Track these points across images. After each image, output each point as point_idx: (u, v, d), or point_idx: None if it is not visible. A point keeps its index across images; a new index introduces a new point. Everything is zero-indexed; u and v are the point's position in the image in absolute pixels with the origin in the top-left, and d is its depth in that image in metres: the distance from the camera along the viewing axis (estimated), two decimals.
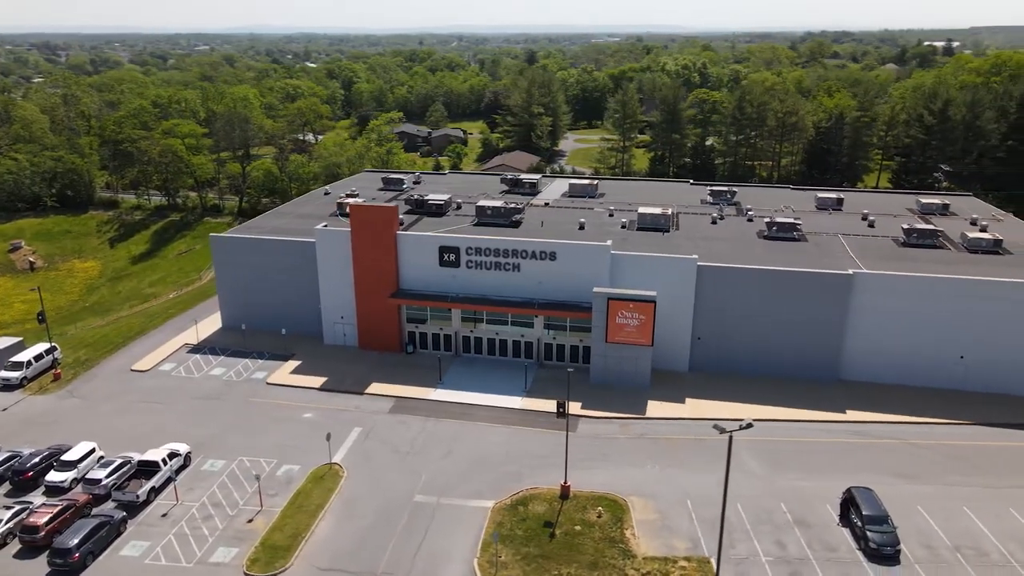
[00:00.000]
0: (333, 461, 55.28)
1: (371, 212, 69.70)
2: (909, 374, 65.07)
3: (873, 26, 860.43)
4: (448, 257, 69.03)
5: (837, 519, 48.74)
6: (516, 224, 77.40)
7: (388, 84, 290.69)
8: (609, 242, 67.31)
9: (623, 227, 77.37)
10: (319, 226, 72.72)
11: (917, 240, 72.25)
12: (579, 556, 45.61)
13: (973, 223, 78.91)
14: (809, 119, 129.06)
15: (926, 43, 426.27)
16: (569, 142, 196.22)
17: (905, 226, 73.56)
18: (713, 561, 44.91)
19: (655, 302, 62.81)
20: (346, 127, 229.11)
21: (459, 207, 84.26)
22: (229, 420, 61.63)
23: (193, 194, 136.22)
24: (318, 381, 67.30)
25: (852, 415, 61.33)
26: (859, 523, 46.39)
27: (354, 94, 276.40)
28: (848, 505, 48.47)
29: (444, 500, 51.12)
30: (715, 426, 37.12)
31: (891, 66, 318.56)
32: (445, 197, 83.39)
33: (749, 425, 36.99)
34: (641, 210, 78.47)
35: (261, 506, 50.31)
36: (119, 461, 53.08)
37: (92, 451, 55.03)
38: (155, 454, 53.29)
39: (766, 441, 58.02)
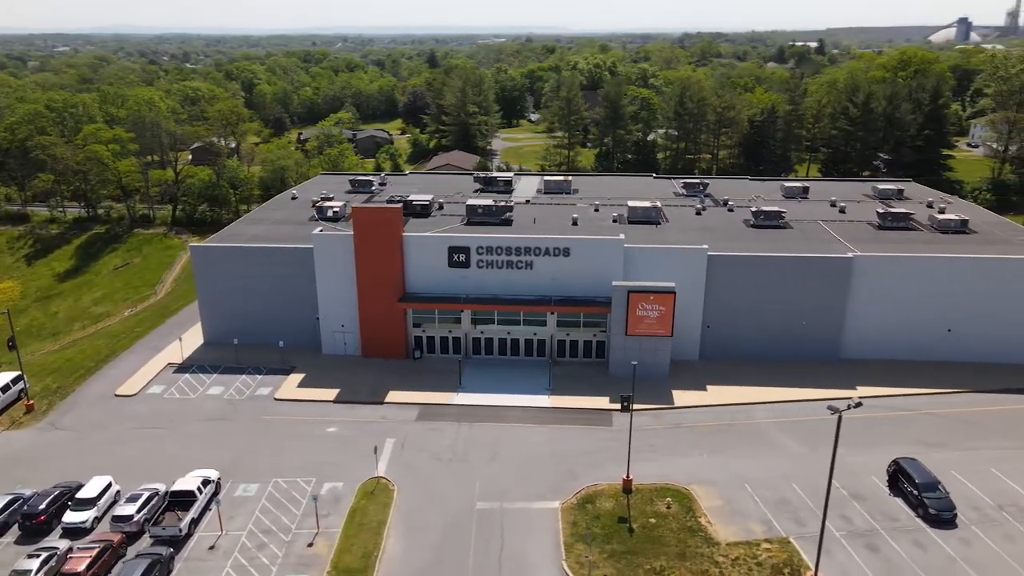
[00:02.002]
0: (380, 475, 52.70)
1: (376, 214, 66.96)
2: (903, 349, 68.92)
3: (741, 27, 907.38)
4: (458, 258, 67.27)
5: (887, 490, 51.00)
6: (508, 222, 76.44)
7: (292, 86, 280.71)
8: (622, 236, 67.61)
9: (614, 221, 77.91)
10: (316, 231, 69.13)
11: (892, 223, 76.70)
12: (664, 548, 45.54)
13: (929, 205, 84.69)
14: (744, 113, 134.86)
15: (799, 43, 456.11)
16: (498, 140, 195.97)
17: (880, 210, 77.97)
18: (793, 541, 46.08)
19: (675, 293, 63.67)
20: (254, 130, 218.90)
21: (441, 207, 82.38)
22: (246, 441, 57.58)
23: (118, 204, 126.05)
24: (331, 393, 64.01)
25: (863, 391, 64.19)
26: (914, 492, 48.68)
27: (256, 96, 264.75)
28: (897, 475, 50.81)
29: (508, 505, 49.76)
30: (829, 407, 37.91)
31: (772, 64, 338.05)
32: (428, 197, 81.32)
33: (858, 404, 38.03)
34: (631, 204, 79.31)
35: (318, 528, 47.28)
36: (147, 494, 48.50)
37: (108, 486, 49.95)
38: (187, 483, 49.03)
39: (795, 421, 60.15)
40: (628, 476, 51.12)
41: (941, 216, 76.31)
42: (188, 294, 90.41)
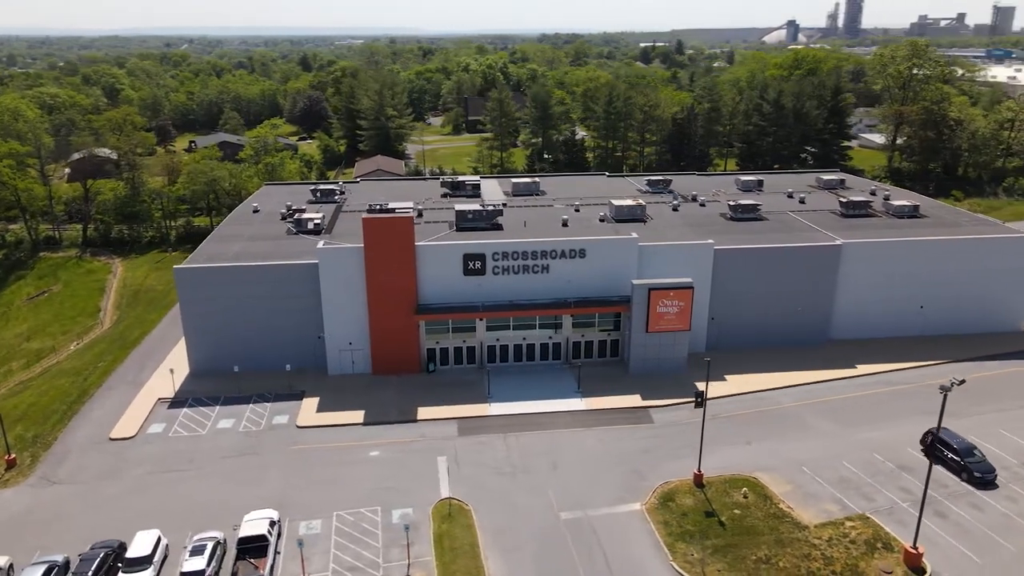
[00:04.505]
0: (450, 496, 50.44)
1: (387, 224, 63.78)
2: (883, 327, 74.11)
3: (594, 29, 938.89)
4: (473, 265, 65.48)
5: (927, 459, 54.56)
6: (498, 226, 75.20)
7: (162, 90, 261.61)
8: (635, 234, 68.33)
9: (601, 220, 78.59)
10: (320, 244, 65.00)
11: (854, 211, 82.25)
12: (760, 537, 46.56)
13: (873, 193, 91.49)
14: (668, 112, 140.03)
15: (658, 44, 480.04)
16: (408, 144, 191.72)
17: (843, 199, 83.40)
18: (872, 516, 48.40)
19: (693, 288, 65.17)
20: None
21: (420, 214, 79.85)
22: (284, 475, 53.33)
23: (13, 226, 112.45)
24: (357, 416, 60.51)
25: (862, 368, 68.66)
26: (956, 458, 52.56)
27: (122, 102, 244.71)
28: (934, 445, 54.47)
29: (591, 512, 49.12)
30: (941, 386, 40.26)
31: (640, 64, 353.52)
32: (409, 204, 78.67)
33: (962, 381, 40.70)
34: (615, 203, 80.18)
35: (408, 559, 44.62)
36: (210, 544, 43.88)
37: (159, 540, 44.71)
38: (254, 527, 44.89)
39: (818, 402, 63.27)
40: (699, 470, 51.86)
41: (896, 203, 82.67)
42: (142, 321, 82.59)
